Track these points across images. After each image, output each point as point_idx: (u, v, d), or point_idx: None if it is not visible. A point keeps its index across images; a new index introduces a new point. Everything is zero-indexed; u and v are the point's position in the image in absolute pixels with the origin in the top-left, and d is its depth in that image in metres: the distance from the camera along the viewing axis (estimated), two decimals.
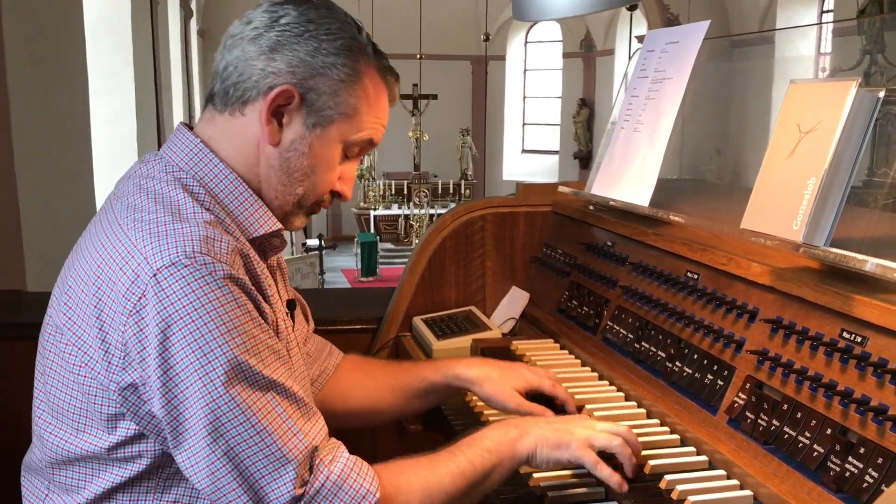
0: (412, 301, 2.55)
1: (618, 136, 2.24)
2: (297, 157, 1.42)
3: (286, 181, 1.44)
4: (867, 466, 1.24)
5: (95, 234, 1.36)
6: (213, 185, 1.40)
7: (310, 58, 1.38)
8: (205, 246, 1.25)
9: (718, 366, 1.63)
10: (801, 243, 1.42)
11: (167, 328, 1.21)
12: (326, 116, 1.41)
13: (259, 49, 1.38)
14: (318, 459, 1.27)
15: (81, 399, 1.31)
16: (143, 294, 1.22)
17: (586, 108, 18.72)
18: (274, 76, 1.37)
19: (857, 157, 1.39)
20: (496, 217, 2.59)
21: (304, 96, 1.39)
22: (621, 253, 2.13)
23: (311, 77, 1.38)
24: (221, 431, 1.21)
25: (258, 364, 1.25)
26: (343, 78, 1.40)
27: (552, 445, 1.45)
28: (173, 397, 1.23)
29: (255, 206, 1.43)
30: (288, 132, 1.41)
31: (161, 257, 1.23)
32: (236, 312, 1.24)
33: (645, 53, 2.20)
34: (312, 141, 1.42)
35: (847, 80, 1.38)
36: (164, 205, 1.33)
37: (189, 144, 1.42)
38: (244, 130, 1.41)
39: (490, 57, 18.55)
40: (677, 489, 1.42)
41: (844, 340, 1.36)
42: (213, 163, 1.41)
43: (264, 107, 1.38)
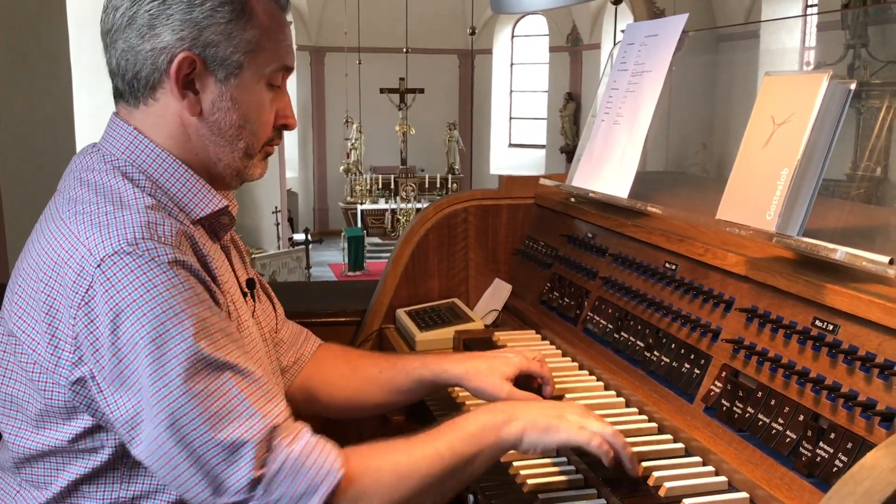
0: (395, 293, 2.56)
1: (598, 129, 2.26)
2: (224, 115, 1.39)
3: (223, 142, 1.41)
4: (837, 451, 1.26)
5: (41, 232, 1.35)
6: (153, 171, 1.39)
7: (188, 15, 1.33)
8: (147, 231, 1.25)
9: (695, 355, 1.65)
10: (775, 233, 1.44)
11: (116, 317, 1.20)
12: (234, 63, 1.37)
13: (138, 32, 1.34)
14: (279, 439, 1.24)
15: (37, 396, 1.30)
16: (90, 286, 1.22)
17: (573, 103, 18.76)
18: (166, 51, 1.33)
19: (830, 148, 1.42)
20: (479, 209, 2.60)
21: (203, 55, 1.35)
22: (601, 244, 2.15)
23: (200, 33, 1.34)
24: (176, 418, 1.20)
25: (210, 347, 1.23)
26: (229, 17, 1.35)
27: (541, 429, 1.40)
28: (126, 386, 1.21)
29: (196, 186, 1.41)
30: (205, 96, 1.38)
31: (104, 247, 1.22)
32: (185, 296, 1.23)
33: (625, 46, 2.22)
34: (231, 93, 1.38)
35: (819, 73, 1.40)
36: (103, 194, 1.32)
37: (124, 133, 1.40)
38: (163, 114, 1.39)
39: (476, 51, 18.57)
40: (654, 476, 1.44)
41: (816, 328, 1.39)
42: (149, 148, 1.39)
43: (172, 83, 1.35)
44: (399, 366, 1.80)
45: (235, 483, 1.21)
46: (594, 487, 1.51)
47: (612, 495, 1.44)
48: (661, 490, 1.40)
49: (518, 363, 1.73)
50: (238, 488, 1.21)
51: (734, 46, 8.56)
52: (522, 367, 1.73)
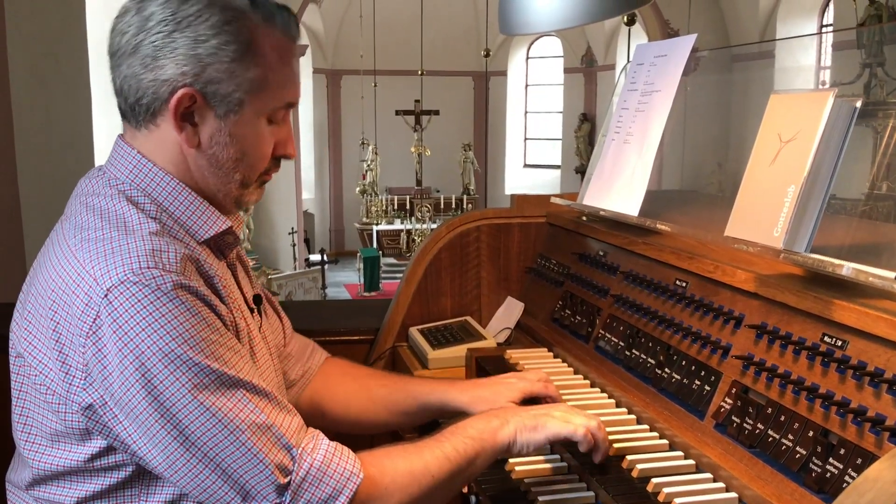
0: (408, 311, 2.58)
1: (608, 148, 2.27)
2: (222, 149, 1.39)
3: (220, 174, 1.42)
4: (847, 467, 1.26)
5: (48, 257, 1.36)
6: (157, 194, 1.39)
7: (192, 51, 1.33)
8: (152, 259, 1.25)
9: (706, 371, 1.66)
10: (782, 249, 1.45)
11: (124, 347, 1.22)
12: (235, 100, 1.37)
13: (142, 61, 1.34)
14: (300, 448, 1.29)
15: (52, 416, 1.32)
16: (97, 315, 1.23)
17: (588, 123, 18.80)
18: (167, 83, 1.34)
19: (836, 164, 1.43)
20: (491, 228, 2.62)
21: (203, 91, 1.35)
22: (613, 262, 2.16)
23: (203, 70, 1.33)
24: (194, 438, 1.23)
25: (221, 366, 1.26)
26: (234, 56, 1.35)
27: (531, 429, 1.51)
28: (139, 413, 1.24)
29: (201, 208, 1.42)
30: (204, 130, 1.38)
31: (110, 277, 1.23)
32: (191, 321, 1.25)
33: (634, 67, 2.24)
34: (230, 129, 1.38)
35: (825, 91, 1.42)
36: (109, 220, 1.33)
37: (128, 157, 1.41)
38: (164, 140, 1.39)
39: (491, 72, 18.65)
40: (664, 492, 1.44)
41: (825, 344, 1.39)
42: (152, 172, 1.40)
43: (171, 116, 1.36)
44: (407, 389, 1.83)
45: (262, 491, 1.25)
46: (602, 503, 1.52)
47: None
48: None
49: (523, 388, 1.77)
50: (266, 494, 1.25)
51: (749, 66, 8.56)
52: (526, 391, 1.76)
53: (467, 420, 1.51)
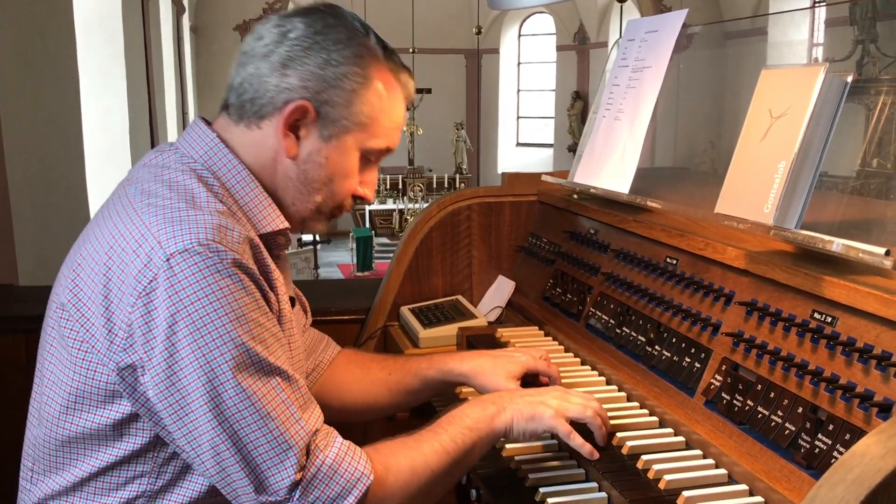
0: (399, 291, 2.57)
1: (599, 125, 2.26)
2: (315, 167, 1.46)
3: (304, 190, 1.48)
4: (836, 443, 1.27)
5: (108, 217, 1.38)
6: (227, 179, 1.44)
7: (321, 70, 1.41)
8: (217, 234, 1.28)
9: (696, 349, 1.66)
10: (772, 226, 1.44)
11: (176, 313, 1.24)
12: (342, 127, 1.44)
13: (271, 66, 1.41)
14: (314, 444, 1.30)
15: (79, 376, 1.33)
16: (154, 277, 1.25)
17: (580, 101, 18.73)
18: (288, 91, 1.41)
19: (827, 140, 1.42)
20: (482, 207, 2.61)
21: (318, 109, 1.42)
22: (603, 240, 2.16)
23: (324, 90, 1.41)
24: (226, 416, 1.25)
25: (263, 351, 1.28)
26: (355, 87, 1.43)
27: (527, 418, 1.50)
28: (177, 380, 1.25)
29: (264, 203, 1.46)
30: (305, 144, 1.44)
31: (175, 243, 1.26)
32: (244, 300, 1.27)
33: (625, 43, 2.23)
34: (329, 152, 1.45)
35: (816, 66, 1.41)
36: (178, 192, 1.36)
37: (205, 138, 1.46)
38: (261, 142, 1.45)
39: (483, 50, 18.55)
40: (654, 469, 1.44)
41: (815, 321, 1.39)
42: (227, 157, 1.44)
43: (280, 122, 1.42)
44: (407, 367, 1.84)
45: (277, 483, 1.26)
46: (595, 481, 1.52)
47: (614, 489, 1.45)
48: (661, 483, 1.41)
49: (524, 362, 1.76)
50: (279, 488, 1.26)
51: (742, 42, 8.52)
52: (529, 365, 1.76)
53: (463, 407, 1.51)
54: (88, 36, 6.87)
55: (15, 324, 2.52)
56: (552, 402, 1.53)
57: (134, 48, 7.94)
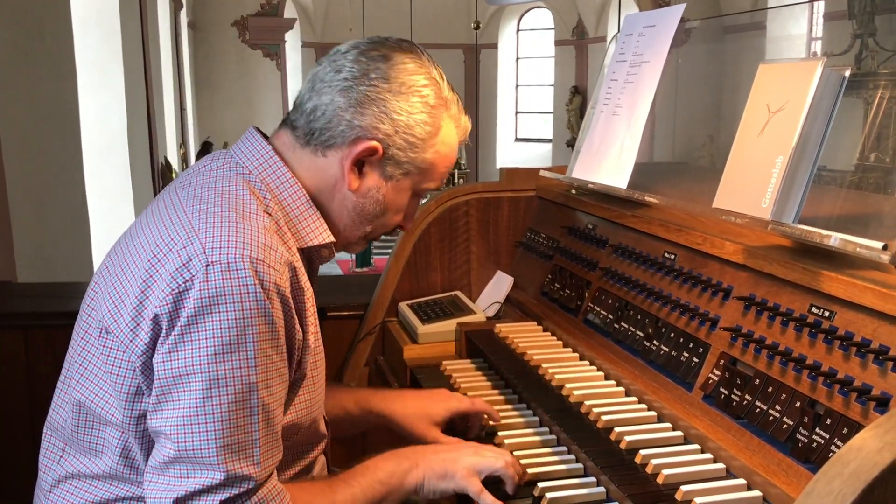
0: (398, 287, 2.58)
1: (597, 120, 2.26)
2: (372, 203, 1.52)
3: (357, 220, 1.53)
4: (833, 437, 1.27)
5: (156, 216, 1.40)
6: (279, 191, 1.46)
7: (396, 115, 1.45)
8: (261, 252, 1.30)
9: (694, 343, 1.66)
10: (770, 220, 1.44)
11: (197, 315, 1.25)
12: (403, 170, 1.50)
13: (348, 101, 1.45)
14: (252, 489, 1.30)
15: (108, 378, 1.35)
16: (190, 278, 1.27)
17: (579, 96, 18.71)
18: (360, 129, 1.45)
19: (825, 135, 1.42)
20: (480, 202, 2.61)
21: (385, 150, 1.47)
22: (602, 235, 2.16)
23: (395, 133, 1.46)
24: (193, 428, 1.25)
25: (262, 385, 1.29)
26: (424, 136, 1.49)
27: (438, 476, 1.52)
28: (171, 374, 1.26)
29: (314, 216, 1.49)
30: (367, 180, 1.49)
31: (218, 252, 1.28)
32: (266, 328, 1.29)
33: (623, 38, 2.22)
34: (387, 191, 1.51)
35: (813, 60, 1.40)
36: (229, 201, 1.37)
37: (260, 149, 1.49)
38: (324, 169, 1.49)
39: (481, 45, 18.52)
40: (652, 463, 1.45)
41: (813, 315, 1.39)
42: (281, 171, 1.47)
43: (348, 157, 1.46)
44: (335, 395, 1.84)
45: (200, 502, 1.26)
46: (594, 476, 1.52)
47: (612, 483, 1.46)
48: (660, 477, 1.41)
49: (450, 406, 1.80)
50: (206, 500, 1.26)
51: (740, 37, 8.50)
52: (453, 408, 1.80)
53: (377, 460, 1.53)
54: (86, 32, 6.85)
55: (13, 320, 2.53)
56: (465, 459, 1.54)
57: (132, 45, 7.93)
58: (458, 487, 1.52)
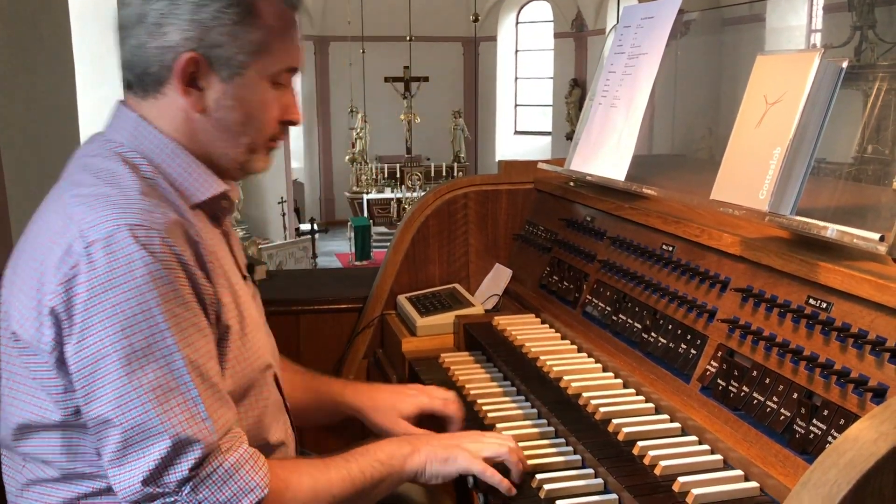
0: (396, 279, 2.58)
1: (595, 112, 2.26)
2: (228, 112, 1.42)
3: (228, 138, 1.44)
4: (830, 427, 1.27)
5: (42, 212, 1.38)
6: (155, 155, 1.41)
7: (195, 16, 1.36)
8: (139, 217, 1.26)
9: (692, 335, 1.66)
10: (767, 212, 1.44)
11: (92, 297, 1.22)
12: (237, 63, 1.40)
13: (147, 30, 1.37)
14: (217, 446, 1.28)
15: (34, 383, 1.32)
16: (75, 264, 1.23)
17: (578, 89, 18.67)
18: (172, 49, 1.37)
19: (822, 126, 1.42)
20: (479, 195, 2.61)
21: (207, 56, 1.38)
22: (600, 227, 2.16)
23: (206, 34, 1.37)
24: (128, 407, 1.22)
25: (180, 342, 1.26)
26: (236, 19, 1.38)
27: (441, 461, 1.50)
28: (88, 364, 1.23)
29: (198, 171, 1.43)
30: (209, 94, 1.41)
31: (95, 230, 1.24)
32: (164, 288, 1.25)
33: (621, 29, 2.22)
34: (235, 92, 1.41)
35: (811, 51, 1.40)
36: (102, 178, 1.34)
37: (127, 120, 1.43)
38: (170, 107, 1.42)
39: (481, 38, 18.48)
40: (649, 455, 1.45)
41: (810, 307, 1.40)
42: (152, 135, 1.42)
43: (176, 81, 1.38)
44: (311, 385, 1.83)
45: (167, 476, 1.24)
46: (592, 468, 1.53)
47: (610, 475, 1.46)
48: (657, 469, 1.41)
49: (419, 403, 1.79)
50: (167, 481, 1.24)
51: (739, 29, 8.47)
52: (423, 406, 1.78)
53: (380, 442, 1.52)
54: (83, 27, 6.83)
55: None
56: (467, 445, 1.53)
57: None
58: (460, 469, 1.50)
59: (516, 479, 1.51)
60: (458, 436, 1.61)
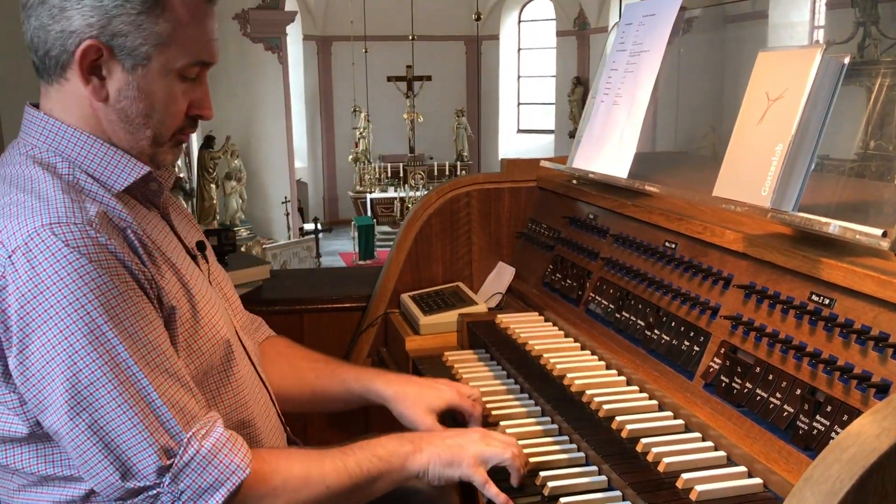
0: (400, 278, 2.58)
1: (598, 110, 2.26)
2: (130, 103, 1.38)
3: (130, 129, 1.40)
4: (833, 424, 1.27)
5: None
6: (69, 152, 1.38)
7: (98, 3, 1.31)
8: (57, 215, 1.24)
9: (695, 332, 1.66)
10: (770, 209, 1.44)
11: (24, 307, 1.21)
12: (142, 54, 1.35)
13: (49, 12, 1.33)
14: (191, 432, 1.27)
15: None
16: (1, 276, 1.22)
17: (581, 87, 18.65)
18: (74, 35, 1.32)
19: (824, 122, 1.42)
20: (481, 194, 2.61)
21: (109, 44, 1.33)
22: (602, 225, 2.16)
23: (109, 22, 1.32)
24: (84, 405, 1.22)
25: (122, 334, 1.23)
26: (140, 9, 1.33)
27: (444, 463, 1.48)
28: (33, 374, 1.22)
29: (115, 158, 1.40)
30: (111, 84, 1.36)
31: (14, 239, 1.23)
32: (96, 282, 1.22)
33: (623, 27, 2.22)
34: (138, 83, 1.36)
35: (812, 48, 1.40)
36: (17, 185, 1.32)
37: (37, 121, 1.41)
38: (74, 94, 1.38)
39: (483, 37, 18.46)
40: (653, 452, 1.45)
41: (813, 303, 1.40)
42: (62, 130, 1.38)
43: (77, 68, 1.34)
44: (336, 373, 1.83)
45: (144, 467, 1.23)
46: (595, 465, 1.53)
47: (613, 472, 1.46)
48: (661, 465, 1.41)
49: (448, 398, 1.75)
50: (146, 473, 1.24)
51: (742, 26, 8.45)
52: (452, 401, 1.75)
53: (381, 438, 1.49)
54: None
55: None
56: (471, 446, 1.51)
57: None
58: (463, 476, 1.49)
59: (515, 483, 1.50)
60: (465, 433, 1.58)
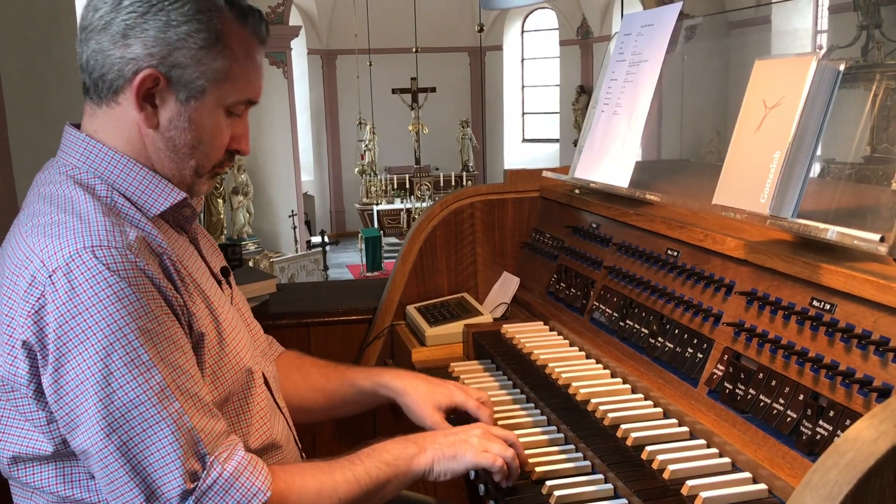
0: (405, 290, 2.60)
1: (598, 120, 2.27)
2: (180, 133, 1.42)
3: (176, 158, 1.44)
4: (836, 428, 1.28)
5: (5, 248, 1.38)
6: (108, 174, 1.41)
7: (162, 34, 1.35)
8: (97, 238, 1.27)
9: (698, 339, 1.67)
10: (769, 215, 1.45)
11: (62, 326, 1.22)
12: (197, 87, 1.39)
13: (111, 38, 1.36)
14: (214, 456, 1.29)
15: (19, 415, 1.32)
16: (41, 295, 1.24)
17: (585, 95, 18.66)
18: (133, 62, 1.36)
19: (821, 129, 1.43)
20: (485, 204, 2.63)
21: (168, 75, 1.37)
22: (605, 234, 2.17)
23: (170, 53, 1.36)
24: (116, 426, 1.23)
25: (157, 357, 1.26)
26: (202, 44, 1.38)
27: (449, 458, 1.51)
28: (67, 392, 1.24)
29: (153, 182, 1.43)
30: (164, 112, 1.40)
31: (56, 259, 1.25)
32: (134, 306, 1.25)
33: (622, 37, 2.24)
34: (190, 114, 1.41)
35: (808, 55, 1.41)
36: (58, 205, 1.34)
37: (78, 142, 1.43)
38: (123, 118, 1.41)
39: (487, 47, 18.52)
40: (658, 459, 1.46)
41: (814, 308, 1.40)
42: (103, 152, 1.41)
43: (132, 94, 1.38)
44: (345, 376, 1.86)
45: (168, 492, 1.25)
46: (601, 473, 1.53)
47: (619, 480, 1.47)
48: (666, 473, 1.42)
49: (456, 398, 1.77)
50: (170, 497, 1.25)
51: (745, 32, 8.45)
52: (458, 402, 1.77)
53: (385, 443, 1.52)
54: None
55: None
56: (474, 439, 1.53)
57: None
58: (469, 465, 1.51)
59: (510, 482, 1.52)
60: (467, 429, 1.60)
